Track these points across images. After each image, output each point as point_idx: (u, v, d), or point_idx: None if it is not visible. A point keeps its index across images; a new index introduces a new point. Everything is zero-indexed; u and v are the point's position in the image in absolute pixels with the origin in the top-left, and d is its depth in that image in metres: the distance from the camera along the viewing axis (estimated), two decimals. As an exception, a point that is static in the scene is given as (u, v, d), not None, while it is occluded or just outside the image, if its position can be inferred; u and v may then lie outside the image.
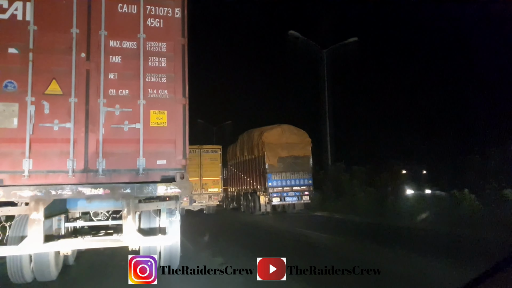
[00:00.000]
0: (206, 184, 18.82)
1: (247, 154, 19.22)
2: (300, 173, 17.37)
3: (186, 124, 5.38)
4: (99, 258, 7.22)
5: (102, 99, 5.13)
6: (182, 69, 5.44)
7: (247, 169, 19.27)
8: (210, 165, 19.05)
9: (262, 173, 17.34)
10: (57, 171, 4.93)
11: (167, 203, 5.49)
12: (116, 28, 5.28)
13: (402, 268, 6.23)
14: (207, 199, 18.93)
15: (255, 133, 18.52)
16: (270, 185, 16.83)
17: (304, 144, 17.69)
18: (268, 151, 17.04)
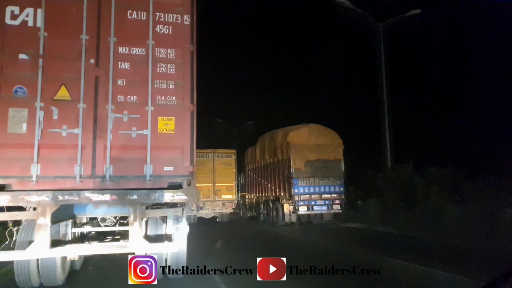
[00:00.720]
0: (220, 190, 17.72)
1: (269, 157, 17.45)
2: (330, 178, 15.41)
3: (194, 131, 5.36)
4: (105, 264, 7.22)
5: (111, 105, 5.15)
6: (191, 76, 5.43)
7: (269, 174, 17.53)
8: (224, 171, 17.97)
9: (286, 178, 15.47)
10: (64, 177, 4.94)
11: (174, 209, 5.47)
12: (125, 35, 5.30)
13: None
14: (221, 207, 17.79)
15: (279, 134, 16.64)
16: (296, 192, 14.93)
17: (335, 146, 15.76)
18: (294, 154, 15.15)
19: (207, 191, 17.37)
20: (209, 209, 17.54)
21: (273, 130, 17.97)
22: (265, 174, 18.02)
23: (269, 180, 17.40)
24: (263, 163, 18.24)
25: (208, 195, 17.39)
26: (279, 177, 16.32)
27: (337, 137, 15.95)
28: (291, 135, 15.48)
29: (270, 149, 17.40)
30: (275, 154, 16.81)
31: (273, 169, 17.04)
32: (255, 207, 19.71)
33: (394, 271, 6.54)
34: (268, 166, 17.55)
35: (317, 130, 15.90)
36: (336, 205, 15.34)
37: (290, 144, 15.35)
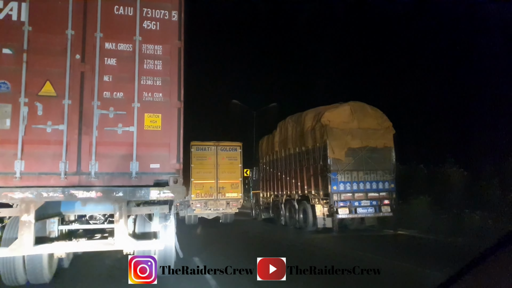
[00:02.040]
0: (224, 188, 15.71)
1: (293, 146, 14.18)
2: (378, 172, 12.11)
3: (180, 128, 5.32)
4: (95, 261, 7.18)
5: (96, 101, 5.10)
6: (178, 73, 5.39)
7: (293, 167, 14.28)
8: (228, 166, 15.92)
9: (320, 172, 12.14)
10: (49, 173, 4.89)
11: (160, 207, 5.43)
12: (112, 30, 5.24)
13: None
14: (225, 206, 15.74)
15: (308, 116, 13.34)
16: (335, 190, 11.62)
17: (384, 130, 12.38)
18: (333, 140, 11.78)
19: (209, 188, 15.56)
20: (211, 208, 15.65)
21: (298, 113, 14.54)
22: (287, 167, 14.81)
23: (293, 175, 14.19)
24: (285, 154, 15.08)
25: (210, 193, 15.56)
26: (308, 170, 13.00)
27: (385, 119, 12.55)
28: (327, 116, 12.08)
29: (294, 136, 14.17)
30: (302, 142, 13.46)
31: (299, 161, 13.73)
32: (273, 208, 16.55)
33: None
34: (292, 158, 14.31)
35: (361, 110, 12.39)
36: (385, 207, 12.00)
37: (327, 127, 11.95)
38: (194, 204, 15.43)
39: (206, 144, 15.97)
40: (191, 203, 15.43)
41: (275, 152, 16.03)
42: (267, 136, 17.40)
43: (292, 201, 14.26)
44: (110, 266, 7.02)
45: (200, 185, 15.50)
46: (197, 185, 15.51)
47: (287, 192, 14.77)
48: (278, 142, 15.74)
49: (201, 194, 15.44)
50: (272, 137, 16.56)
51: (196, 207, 15.54)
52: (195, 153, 15.67)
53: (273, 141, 16.23)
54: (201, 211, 15.68)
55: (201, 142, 15.96)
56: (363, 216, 12.21)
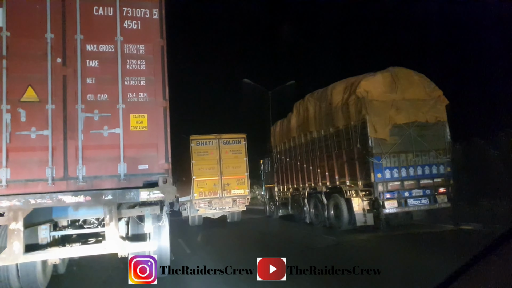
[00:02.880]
0: (229, 184, 14.47)
1: (317, 128, 12.04)
2: (430, 154, 9.82)
3: (167, 127, 5.26)
4: (91, 266, 7.14)
5: (80, 104, 5.03)
6: (162, 71, 5.33)
7: (317, 153, 12.08)
8: (232, 160, 14.63)
9: (358, 156, 9.89)
10: (36, 180, 4.83)
11: (151, 208, 5.38)
12: (92, 32, 5.17)
13: None
14: (231, 204, 14.50)
15: (336, 90, 10.95)
16: (380, 178, 9.35)
17: (434, 100, 10.02)
18: (374, 115, 9.46)
19: (213, 185, 14.36)
20: (216, 207, 14.44)
21: (320, 89, 12.26)
22: (309, 155, 12.69)
23: (318, 164, 12.04)
24: (305, 140, 12.95)
25: (214, 191, 14.36)
26: (340, 156, 10.78)
27: (435, 87, 10.17)
28: (364, 86, 9.75)
29: (318, 116, 11.93)
30: (330, 122, 11.20)
31: (326, 146, 11.57)
32: (293, 204, 14.48)
33: None
34: (316, 143, 12.15)
35: (404, 77, 10.00)
36: (441, 196, 9.73)
37: (365, 100, 9.58)
38: (197, 204, 14.28)
39: (207, 138, 14.68)
40: (194, 203, 14.29)
41: (292, 139, 13.89)
42: (281, 121, 15.23)
43: (318, 195, 12.10)
44: (106, 270, 6.99)
45: (203, 182, 14.33)
46: (200, 182, 14.32)
47: (311, 185, 12.56)
48: (296, 126, 13.42)
49: (204, 192, 14.30)
50: (287, 121, 14.31)
51: (200, 207, 14.36)
52: (196, 148, 14.49)
53: (289, 125, 13.94)
54: (205, 211, 14.48)
55: (201, 135, 14.79)
56: (415, 210, 9.83)
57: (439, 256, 6.25)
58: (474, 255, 1.72)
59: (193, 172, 14.25)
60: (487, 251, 1.73)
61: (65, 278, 6.60)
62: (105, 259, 6.39)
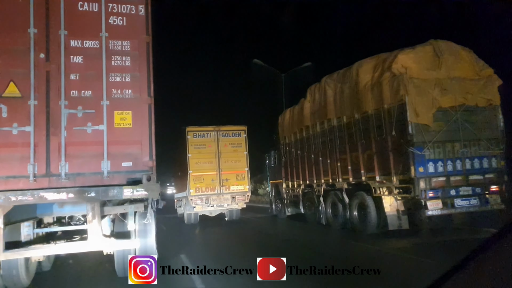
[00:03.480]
0: (227, 180, 13.55)
1: (338, 115, 10.31)
2: (481, 144, 8.22)
3: (152, 124, 5.23)
4: (77, 263, 7.09)
5: (64, 101, 4.98)
6: (147, 68, 5.28)
7: (337, 144, 10.47)
8: (232, 154, 13.70)
9: (393, 146, 8.28)
10: (17, 176, 4.78)
11: (134, 206, 5.34)
12: (76, 27, 5.11)
13: None
14: (230, 201, 13.57)
15: (364, 68, 9.29)
16: (422, 173, 7.78)
17: (484, 80, 8.38)
18: (415, 95, 7.89)
19: (211, 181, 13.43)
20: (214, 204, 13.53)
21: (341, 70, 10.46)
22: (326, 146, 11.04)
23: (338, 156, 10.44)
24: (321, 128, 11.31)
25: (212, 187, 13.42)
26: (368, 146, 9.13)
27: (483, 65, 8.51)
28: (402, 60, 8.16)
29: (340, 100, 10.21)
30: (355, 107, 9.51)
31: (349, 135, 9.89)
32: (305, 202, 12.82)
33: None
34: (336, 132, 10.49)
35: (449, 51, 8.34)
36: (493, 196, 8.05)
37: (403, 77, 7.97)
38: (193, 201, 13.31)
39: (205, 130, 13.71)
40: (190, 200, 13.33)
41: (305, 128, 12.29)
42: (291, 109, 13.71)
43: (337, 192, 10.54)
44: (92, 267, 6.95)
45: (199, 177, 13.42)
46: (197, 178, 13.40)
47: (328, 181, 10.97)
48: (310, 114, 11.82)
49: (201, 188, 13.37)
50: (299, 109, 12.70)
51: (196, 204, 13.39)
52: (192, 141, 13.53)
53: (302, 113, 12.33)
54: (202, 208, 13.57)
55: (198, 127, 13.83)
56: (462, 212, 8.08)
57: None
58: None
59: (189, 166, 13.37)
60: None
61: (49, 276, 6.55)
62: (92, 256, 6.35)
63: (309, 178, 12.25)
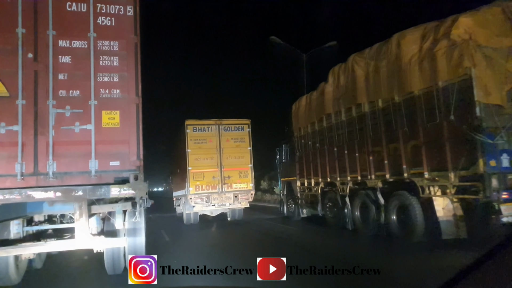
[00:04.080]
0: (230, 177, 12.75)
1: (372, 97, 8.64)
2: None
3: (139, 124, 5.27)
4: (69, 261, 7.14)
5: (52, 100, 5.02)
6: (135, 68, 5.32)
7: (369, 134, 8.81)
8: (234, 149, 12.91)
9: (450, 134, 6.77)
10: (5, 175, 4.82)
11: (122, 205, 5.41)
12: (65, 27, 5.15)
13: None
14: (232, 200, 12.76)
15: (408, 38, 7.66)
16: (495, 168, 6.24)
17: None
18: (484, 67, 6.38)
19: (212, 178, 12.65)
20: (215, 204, 12.75)
21: (375, 45, 8.70)
22: (355, 136, 9.35)
23: (370, 148, 8.76)
24: (349, 116, 9.60)
25: (213, 185, 12.64)
26: (414, 135, 7.53)
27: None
28: (465, 24, 6.59)
29: (374, 80, 8.52)
30: (395, 87, 7.85)
31: (387, 122, 8.23)
32: (324, 202, 11.14)
33: None
34: (367, 119, 8.82)
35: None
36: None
37: (469, 45, 6.43)
38: (193, 199, 12.53)
39: (205, 123, 12.94)
40: (190, 198, 12.55)
41: (326, 117, 10.66)
42: (307, 96, 12.17)
43: (369, 192, 8.94)
44: (82, 264, 7.00)
45: (199, 174, 12.62)
46: (196, 175, 12.59)
47: (356, 178, 9.32)
48: (333, 100, 10.17)
49: (201, 186, 12.57)
50: (318, 95, 11.09)
51: (196, 203, 12.60)
52: (192, 135, 12.74)
53: (322, 100, 10.64)
54: (202, 208, 12.78)
55: (198, 120, 13.07)
56: None
57: None
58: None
59: (189, 162, 12.58)
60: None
61: (40, 273, 6.60)
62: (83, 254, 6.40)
63: (331, 175, 10.57)
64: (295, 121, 12.94)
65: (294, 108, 13.04)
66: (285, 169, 14.39)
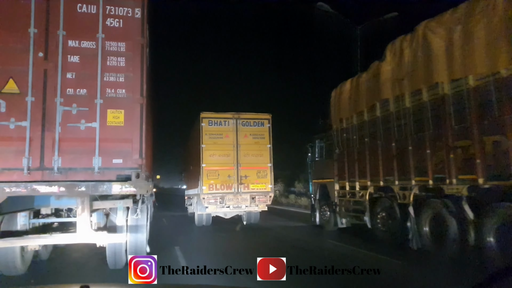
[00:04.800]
0: (247, 176, 11.72)
1: (459, 73, 6.49)
2: None
3: (143, 124, 5.40)
4: (75, 253, 7.34)
5: (59, 98, 5.20)
6: (141, 69, 5.47)
7: (451, 123, 6.68)
8: (252, 146, 11.89)
9: None
10: (12, 169, 5.02)
11: (123, 201, 5.54)
12: (75, 28, 5.33)
13: None
14: (249, 202, 11.67)
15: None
16: None
17: None
18: None
19: (227, 177, 11.67)
20: (230, 205, 11.69)
21: (461, 4, 6.63)
22: (426, 127, 7.32)
23: (450, 142, 6.68)
24: (416, 101, 7.61)
25: (228, 184, 11.63)
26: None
27: None
28: None
29: (460, 50, 6.47)
30: (498, 57, 5.74)
31: (481, 106, 6.18)
32: (375, 211, 9.14)
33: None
34: (448, 103, 6.77)
35: None
36: None
37: None
38: (206, 200, 11.56)
39: (222, 117, 11.96)
40: (203, 198, 11.61)
41: (381, 104, 8.71)
42: (352, 80, 10.08)
43: (447, 201, 6.87)
44: (87, 258, 7.18)
45: (214, 173, 11.69)
46: (211, 173, 11.66)
47: (427, 182, 7.29)
48: (393, 81, 8.23)
49: (216, 185, 11.64)
50: (369, 77, 9.20)
51: (209, 204, 11.62)
52: (207, 129, 11.81)
53: (376, 82, 8.76)
54: (216, 209, 11.79)
55: (214, 113, 12.11)
56: None
57: None
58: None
59: (203, 159, 11.63)
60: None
61: (45, 264, 6.82)
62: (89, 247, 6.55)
63: (385, 177, 8.53)
64: (335, 111, 10.89)
65: (333, 96, 10.98)
66: (318, 169, 12.54)
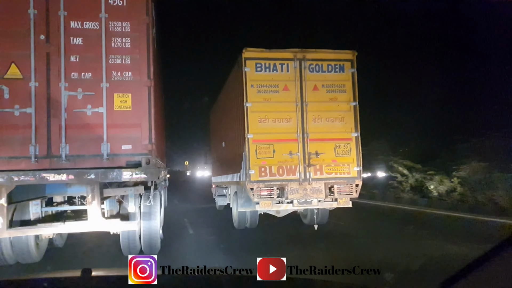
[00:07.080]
0: (319, 154, 7.33)
1: None
2: None
3: (151, 107, 5.17)
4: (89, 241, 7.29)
5: (64, 82, 4.99)
6: (147, 50, 5.19)
7: None
8: (327, 105, 7.51)
9: None
10: (19, 157, 4.88)
11: (134, 188, 5.38)
12: (76, 8, 5.07)
13: None
14: (323, 194, 7.31)
15: None
16: None
17: None
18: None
19: (288, 155, 7.32)
20: (294, 200, 7.33)
21: None
22: None
23: None
24: None
25: (290, 167, 7.31)
26: None
27: None
28: None
29: None
30: None
31: None
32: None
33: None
34: None
35: None
36: None
37: None
38: (256, 192, 7.18)
39: (278, 57, 7.46)
40: (250, 189, 7.19)
41: None
42: None
43: None
44: (101, 245, 7.12)
45: (267, 148, 7.30)
46: (262, 148, 7.28)
47: None
48: None
49: (270, 168, 7.27)
50: None
51: (261, 197, 7.21)
52: (254, 77, 7.35)
53: None
54: (271, 205, 7.34)
55: (265, 52, 7.47)
56: None
57: None
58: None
59: (248, 126, 7.28)
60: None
61: (60, 252, 6.78)
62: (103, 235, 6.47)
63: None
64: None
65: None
66: None
